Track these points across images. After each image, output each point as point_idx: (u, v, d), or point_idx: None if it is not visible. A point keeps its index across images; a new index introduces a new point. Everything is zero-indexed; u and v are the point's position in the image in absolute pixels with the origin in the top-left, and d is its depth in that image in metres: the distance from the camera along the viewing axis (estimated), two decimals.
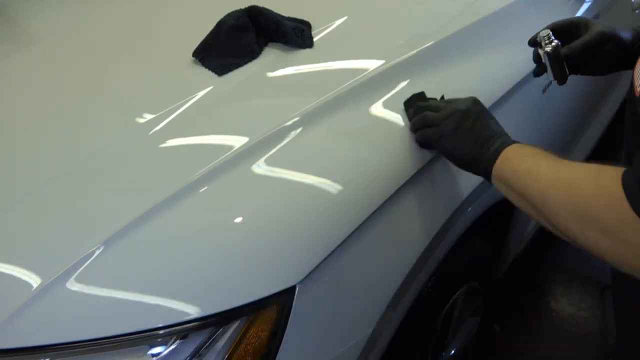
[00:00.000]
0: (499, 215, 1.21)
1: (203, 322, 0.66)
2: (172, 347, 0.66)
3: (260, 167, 0.76)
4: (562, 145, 1.50)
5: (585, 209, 0.59)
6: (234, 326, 0.68)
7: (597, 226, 0.58)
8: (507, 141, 0.74)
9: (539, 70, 0.91)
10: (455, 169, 0.89)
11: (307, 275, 0.70)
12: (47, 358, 0.66)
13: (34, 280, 0.68)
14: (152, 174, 0.79)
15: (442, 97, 0.86)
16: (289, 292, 0.70)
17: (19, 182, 0.82)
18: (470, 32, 1.02)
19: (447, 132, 0.77)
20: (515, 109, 1.06)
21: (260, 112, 0.86)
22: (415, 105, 0.84)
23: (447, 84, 0.94)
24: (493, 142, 0.74)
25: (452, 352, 1.23)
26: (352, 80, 0.87)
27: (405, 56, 0.92)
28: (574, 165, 0.64)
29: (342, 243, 0.74)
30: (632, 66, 0.65)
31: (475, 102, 0.80)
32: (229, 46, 0.96)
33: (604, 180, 0.58)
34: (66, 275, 0.67)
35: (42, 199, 0.77)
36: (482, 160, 0.73)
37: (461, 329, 1.25)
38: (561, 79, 0.86)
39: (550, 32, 0.86)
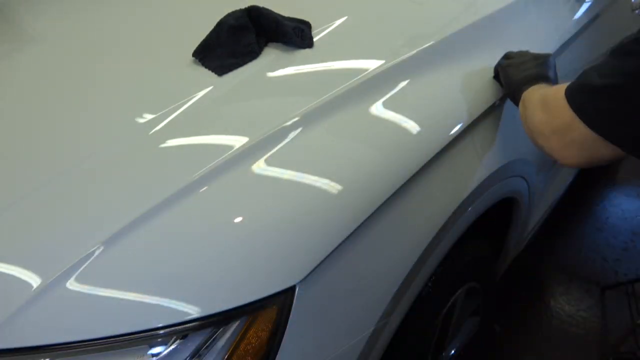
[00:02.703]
0: (499, 214, 1.21)
1: (203, 322, 0.66)
2: (172, 347, 0.66)
3: (260, 167, 0.76)
4: None
5: (545, 117, 0.78)
6: (234, 326, 0.68)
7: (550, 129, 0.76)
8: (543, 81, 0.89)
9: None
10: (455, 168, 0.89)
11: (307, 275, 0.70)
12: (47, 358, 0.66)
13: (34, 280, 0.68)
14: (152, 174, 0.78)
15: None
16: (289, 292, 0.70)
17: (19, 182, 0.81)
18: (470, 32, 1.02)
19: (514, 62, 0.94)
20: (515, 108, 1.06)
21: (260, 112, 0.86)
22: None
23: (447, 84, 0.94)
24: (535, 81, 0.89)
25: (452, 352, 1.23)
26: (352, 80, 0.87)
27: (405, 56, 0.92)
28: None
29: (342, 243, 0.74)
30: None
31: (547, 55, 0.96)
32: (229, 46, 0.96)
33: (562, 91, 0.74)
34: (66, 275, 0.67)
35: (42, 199, 0.77)
36: (521, 87, 0.90)
37: (461, 328, 1.25)
38: None
39: None
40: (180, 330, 0.66)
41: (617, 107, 0.66)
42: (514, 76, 0.92)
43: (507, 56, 0.98)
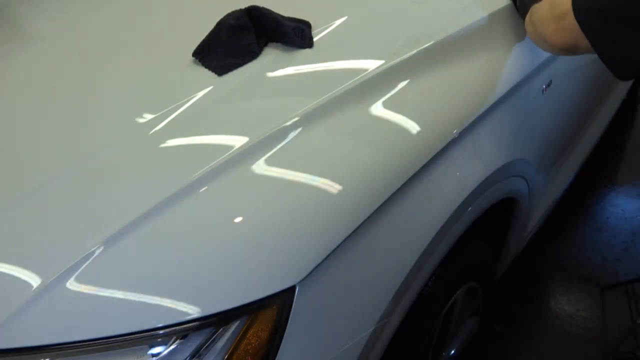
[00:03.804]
0: (499, 215, 1.21)
1: (203, 322, 0.66)
2: (172, 347, 0.66)
3: (260, 167, 0.76)
4: (562, 145, 1.50)
5: (549, 11, 0.86)
6: (234, 326, 0.68)
7: (551, 17, 0.84)
8: None
9: None
10: (454, 168, 0.89)
11: (307, 275, 0.71)
12: (47, 358, 0.66)
13: (34, 280, 0.68)
14: (152, 174, 0.78)
15: None
16: (289, 292, 0.70)
17: (19, 182, 0.82)
18: (470, 32, 1.02)
19: None
20: (516, 108, 1.07)
21: (260, 112, 0.86)
22: None
23: (447, 84, 0.94)
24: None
25: (452, 352, 1.23)
26: (352, 80, 0.87)
27: (405, 56, 0.92)
28: None
29: (342, 243, 0.74)
30: None
31: None
32: (229, 46, 0.96)
33: None
34: (66, 275, 0.67)
35: (42, 199, 0.77)
36: (529, 7, 0.96)
37: (461, 329, 1.25)
38: None
39: None
40: (180, 330, 0.66)
41: (603, 6, 0.74)
42: None
43: None
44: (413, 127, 0.86)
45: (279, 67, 0.94)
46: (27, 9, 1.36)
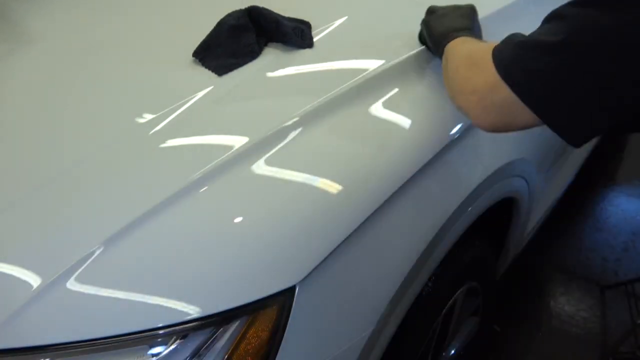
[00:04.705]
0: (499, 214, 1.21)
1: (203, 322, 0.66)
2: (172, 347, 0.66)
3: (260, 167, 0.76)
4: (562, 145, 1.50)
5: (468, 74, 0.71)
6: (234, 326, 0.68)
7: (472, 87, 0.69)
8: (468, 34, 0.84)
9: None
10: (454, 168, 0.89)
11: (307, 275, 0.71)
12: (47, 358, 0.66)
13: (34, 280, 0.68)
14: (152, 174, 0.79)
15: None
16: (289, 292, 0.70)
17: (19, 182, 0.81)
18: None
19: (436, 15, 0.91)
20: None
21: (260, 112, 0.86)
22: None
23: None
24: (458, 32, 0.84)
25: (452, 352, 1.23)
26: (352, 80, 0.87)
27: (405, 56, 0.92)
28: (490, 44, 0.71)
29: (342, 243, 0.74)
30: None
31: (470, 7, 0.91)
32: (229, 46, 0.96)
33: (491, 49, 0.67)
34: (66, 275, 0.67)
35: (42, 199, 0.77)
36: (444, 39, 0.84)
37: (461, 329, 1.25)
38: None
39: None
40: (180, 330, 0.66)
41: (547, 70, 0.59)
42: (437, 28, 0.88)
43: (430, 11, 0.95)
44: (413, 127, 0.86)
45: (279, 67, 0.94)
46: (27, 9, 1.36)
